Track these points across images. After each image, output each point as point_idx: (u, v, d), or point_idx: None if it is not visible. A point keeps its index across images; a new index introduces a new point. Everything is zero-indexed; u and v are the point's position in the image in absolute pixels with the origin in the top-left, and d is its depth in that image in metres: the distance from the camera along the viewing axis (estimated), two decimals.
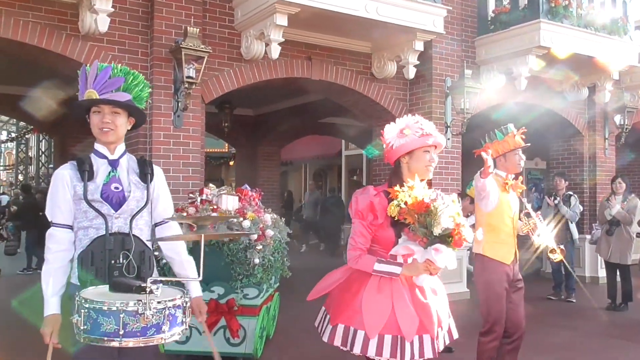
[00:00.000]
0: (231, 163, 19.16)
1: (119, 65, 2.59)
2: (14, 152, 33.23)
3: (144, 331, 2.12)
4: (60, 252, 2.54)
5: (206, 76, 6.71)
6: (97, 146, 2.64)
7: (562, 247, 4.48)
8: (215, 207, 4.91)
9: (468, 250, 7.70)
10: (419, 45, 7.49)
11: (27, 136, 26.83)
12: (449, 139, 8.28)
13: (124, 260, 2.51)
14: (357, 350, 2.67)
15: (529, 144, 4.27)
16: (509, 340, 4.21)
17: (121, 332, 2.10)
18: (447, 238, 2.52)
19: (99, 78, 2.51)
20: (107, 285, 2.33)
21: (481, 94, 8.35)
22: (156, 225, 2.78)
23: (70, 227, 2.57)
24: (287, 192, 18.59)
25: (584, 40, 8.32)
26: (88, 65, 2.60)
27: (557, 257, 4.38)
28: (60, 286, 2.53)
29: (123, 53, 6.35)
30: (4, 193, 25.69)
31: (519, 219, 4.37)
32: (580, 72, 9.35)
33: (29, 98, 9.99)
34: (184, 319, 2.27)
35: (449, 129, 8.30)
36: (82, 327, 2.15)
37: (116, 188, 2.56)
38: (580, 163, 10.42)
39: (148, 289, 2.10)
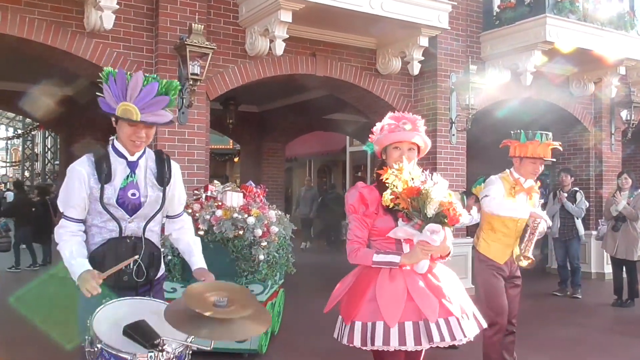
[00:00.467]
0: (236, 160, 19.16)
1: (164, 80, 2.47)
2: (20, 148, 33.38)
3: None
4: (74, 235, 2.54)
5: (211, 73, 6.71)
6: (117, 144, 2.56)
7: (532, 258, 4.25)
8: (219, 203, 4.92)
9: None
10: (424, 41, 7.46)
11: (33, 133, 26.92)
12: (453, 134, 8.26)
13: (134, 266, 2.53)
14: (378, 342, 2.60)
15: (553, 159, 4.12)
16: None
17: None
18: (442, 218, 2.53)
19: (143, 94, 2.37)
20: (119, 303, 2.36)
21: (486, 90, 8.32)
22: (168, 217, 2.81)
23: (82, 221, 2.57)
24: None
25: (590, 35, 8.27)
26: (129, 72, 2.43)
27: (525, 263, 4.20)
28: (83, 254, 2.50)
29: (128, 50, 6.36)
30: (9, 190, 25.76)
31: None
32: (586, 67, 9.30)
33: (35, 95, 10.02)
34: (186, 355, 2.33)
35: (453, 125, 8.28)
36: None
37: (133, 195, 2.53)
38: (586, 159, 10.37)
39: (159, 347, 2.15)
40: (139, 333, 2.19)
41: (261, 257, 4.80)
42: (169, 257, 4.80)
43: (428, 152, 2.99)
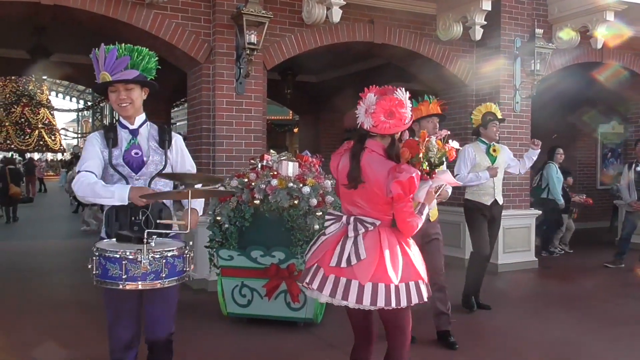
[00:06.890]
0: (295, 130, 19.22)
1: (123, 44, 2.79)
2: (90, 120, 34.71)
3: (144, 277, 2.49)
4: (89, 176, 2.76)
5: (267, 42, 6.68)
6: (121, 118, 2.96)
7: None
8: (275, 173, 4.93)
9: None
10: (487, 5, 7.16)
11: (101, 105, 27.81)
12: (517, 102, 7.94)
13: (143, 217, 2.83)
14: (352, 299, 2.75)
15: (444, 115, 4.62)
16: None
17: (124, 277, 2.47)
18: (444, 160, 2.91)
19: (108, 60, 2.77)
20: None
21: (553, 55, 7.94)
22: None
23: (95, 174, 2.80)
24: None
25: None
26: (97, 49, 2.82)
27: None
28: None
29: (186, 20, 6.42)
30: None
31: None
32: None
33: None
34: (184, 268, 2.65)
35: (517, 92, 7.95)
36: (94, 272, 2.54)
37: (136, 153, 2.89)
38: None
39: (145, 240, 2.49)
40: (126, 234, 2.60)
41: (316, 226, 4.78)
42: (226, 225, 4.87)
43: None
